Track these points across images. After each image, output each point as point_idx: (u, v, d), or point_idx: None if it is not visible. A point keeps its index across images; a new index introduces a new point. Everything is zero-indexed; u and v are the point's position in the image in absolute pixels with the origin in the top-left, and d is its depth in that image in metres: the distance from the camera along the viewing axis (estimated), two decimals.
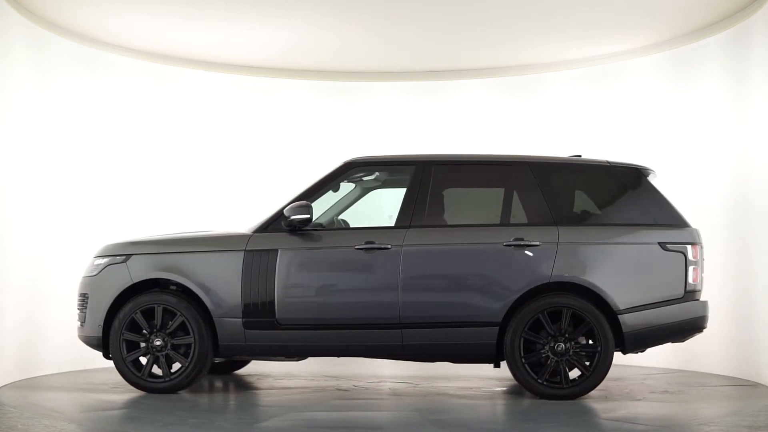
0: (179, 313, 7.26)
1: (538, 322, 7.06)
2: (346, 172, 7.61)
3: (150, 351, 7.29)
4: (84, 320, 7.52)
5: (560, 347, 7.01)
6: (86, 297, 7.52)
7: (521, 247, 7.14)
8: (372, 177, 8.01)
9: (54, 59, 9.46)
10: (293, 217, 7.21)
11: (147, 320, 7.31)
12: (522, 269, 7.10)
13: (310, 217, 7.25)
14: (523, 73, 11.10)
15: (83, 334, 7.58)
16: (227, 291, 7.24)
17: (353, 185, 8.04)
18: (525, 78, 11.12)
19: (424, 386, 8.01)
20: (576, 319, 7.05)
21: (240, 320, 7.21)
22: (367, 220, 7.87)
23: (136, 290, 7.42)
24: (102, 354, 7.44)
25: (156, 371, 7.33)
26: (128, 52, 10.28)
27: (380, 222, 7.73)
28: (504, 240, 7.17)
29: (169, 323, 7.28)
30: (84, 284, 7.62)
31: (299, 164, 10.98)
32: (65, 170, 9.49)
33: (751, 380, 8.55)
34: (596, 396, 7.30)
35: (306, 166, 10.48)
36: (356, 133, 11.30)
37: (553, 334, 7.04)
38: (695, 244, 7.22)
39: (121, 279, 7.40)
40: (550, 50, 10.47)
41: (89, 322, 7.47)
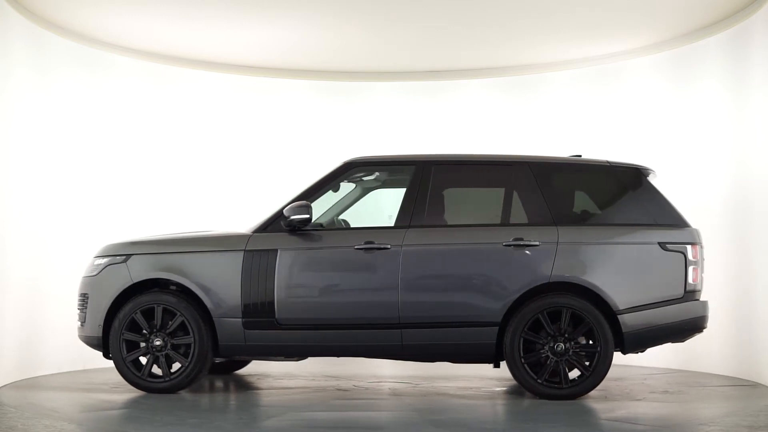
0: (179, 313, 7.26)
1: (538, 322, 7.05)
2: (346, 172, 7.61)
3: (150, 351, 7.29)
4: (84, 320, 7.53)
5: (560, 347, 7.01)
6: (86, 297, 7.53)
7: (521, 247, 7.13)
8: (372, 177, 8.01)
9: (54, 59, 9.46)
10: (293, 217, 7.22)
11: (147, 320, 7.32)
12: (522, 269, 7.09)
13: (310, 217, 7.25)
14: (523, 73, 11.10)
15: (83, 334, 7.58)
16: (227, 291, 7.24)
17: (353, 185, 8.04)
18: (525, 78, 11.12)
19: (424, 386, 8.01)
20: (575, 319, 7.05)
21: (240, 320, 7.21)
22: (368, 220, 7.86)
23: (136, 290, 7.43)
24: (102, 354, 7.45)
25: (156, 371, 7.34)
26: (128, 52, 10.28)
27: (380, 222, 7.73)
28: (503, 240, 7.16)
29: (169, 323, 7.29)
30: (84, 284, 7.63)
31: (299, 164, 10.98)
32: (65, 170, 9.50)
33: (751, 380, 8.55)
34: (596, 396, 7.29)
35: (306, 166, 10.47)
36: (356, 133, 11.29)
37: (553, 334, 7.03)
38: (695, 244, 7.21)
39: (121, 279, 7.41)
40: (550, 50, 10.46)
41: (89, 322, 7.47)
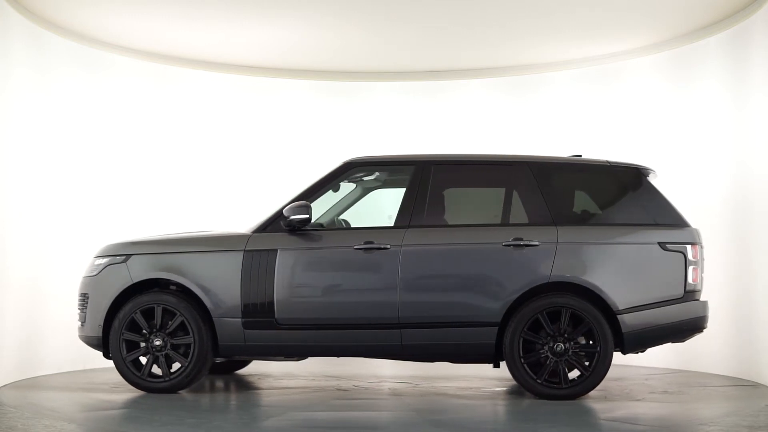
0: (179, 313, 7.26)
1: (538, 322, 7.05)
2: (346, 172, 7.61)
3: (150, 351, 7.30)
4: (84, 320, 7.53)
5: (559, 347, 7.01)
6: (86, 297, 7.53)
7: (520, 247, 7.13)
8: (372, 177, 8.01)
9: (54, 59, 9.46)
10: (292, 217, 7.22)
11: (147, 320, 7.32)
12: (521, 269, 7.09)
13: (309, 217, 7.25)
14: (523, 73, 11.10)
15: (83, 334, 7.59)
16: (227, 291, 7.24)
17: (354, 185, 8.04)
18: (525, 78, 11.12)
19: (424, 386, 8.01)
20: (575, 319, 7.05)
21: (239, 320, 7.21)
22: (368, 220, 7.86)
23: (136, 290, 7.43)
24: (102, 354, 7.46)
25: (156, 371, 7.34)
26: (128, 52, 10.28)
27: (381, 222, 7.73)
28: (503, 240, 7.16)
29: (169, 323, 7.29)
30: (84, 284, 7.63)
31: (299, 164, 10.98)
32: (65, 170, 9.50)
33: (751, 380, 8.55)
34: (596, 396, 7.29)
35: (306, 166, 10.47)
36: (356, 133, 11.29)
37: (552, 334, 7.03)
38: (695, 244, 7.21)
39: (121, 279, 7.41)
40: (550, 50, 10.46)
41: (89, 322, 7.48)
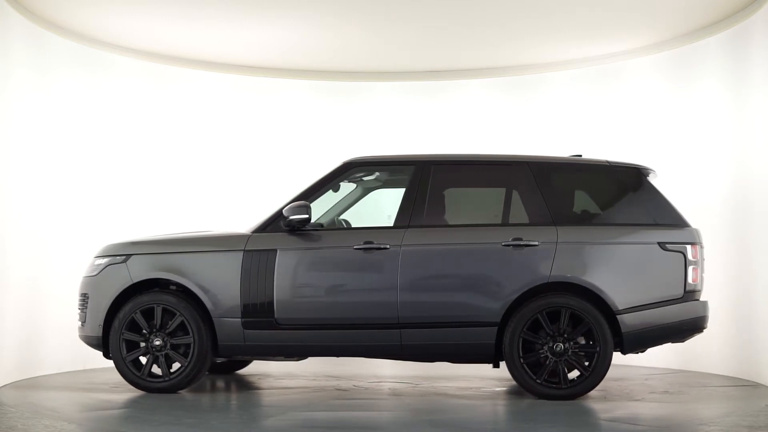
0: (179, 313, 7.26)
1: (537, 322, 7.05)
2: (346, 172, 7.61)
3: (150, 351, 7.30)
4: (84, 320, 7.54)
5: (559, 347, 7.01)
6: (86, 297, 7.53)
7: (520, 247, 7.13)
8: (372, 177, 8.01)
9: (54, 59, 9.46)
10: (292, 217, 7.22)
11: (147, 320, 7.32)
12: (521, 269, 7.08)
13: (309, 217, 7.25)
14: (523, 73, 11.10)
15: (83, 334, 7.59)
16: (226, 291, 7.24)
17: (354, 185, 8.04)
18: (525, 78, 11.12)
19: (424, 386, 8.01)
20: (575, 319, 7.04)
21: (239, 320, 7.21)
22: (369, 220, 7.86)
23: (136, 290, 7.43)
24: (102, 354, 7.46)
25: (156, 371, 7.34)
26: (128, 52, 10.28)
27: (381, 222, 7.72)
28: (503, 240, 7.16)
29: (169, 323, 7.29)
30: (84, 284, 7.63)
31: (299, 164, 10.98)
32: (65, 170, 9.50)
33: (751, 380, 8.54)
34: (596, 396, 7.29)
35: (306, 166, 10.47)
36: (356, 133, 11.29)
37: (552, 335, 7.03)
38: (695, 244, 7.20)
39: (121, 279, 7.41)
40: (550, 50, 10.46)
41: (89, 322, 7.48)
